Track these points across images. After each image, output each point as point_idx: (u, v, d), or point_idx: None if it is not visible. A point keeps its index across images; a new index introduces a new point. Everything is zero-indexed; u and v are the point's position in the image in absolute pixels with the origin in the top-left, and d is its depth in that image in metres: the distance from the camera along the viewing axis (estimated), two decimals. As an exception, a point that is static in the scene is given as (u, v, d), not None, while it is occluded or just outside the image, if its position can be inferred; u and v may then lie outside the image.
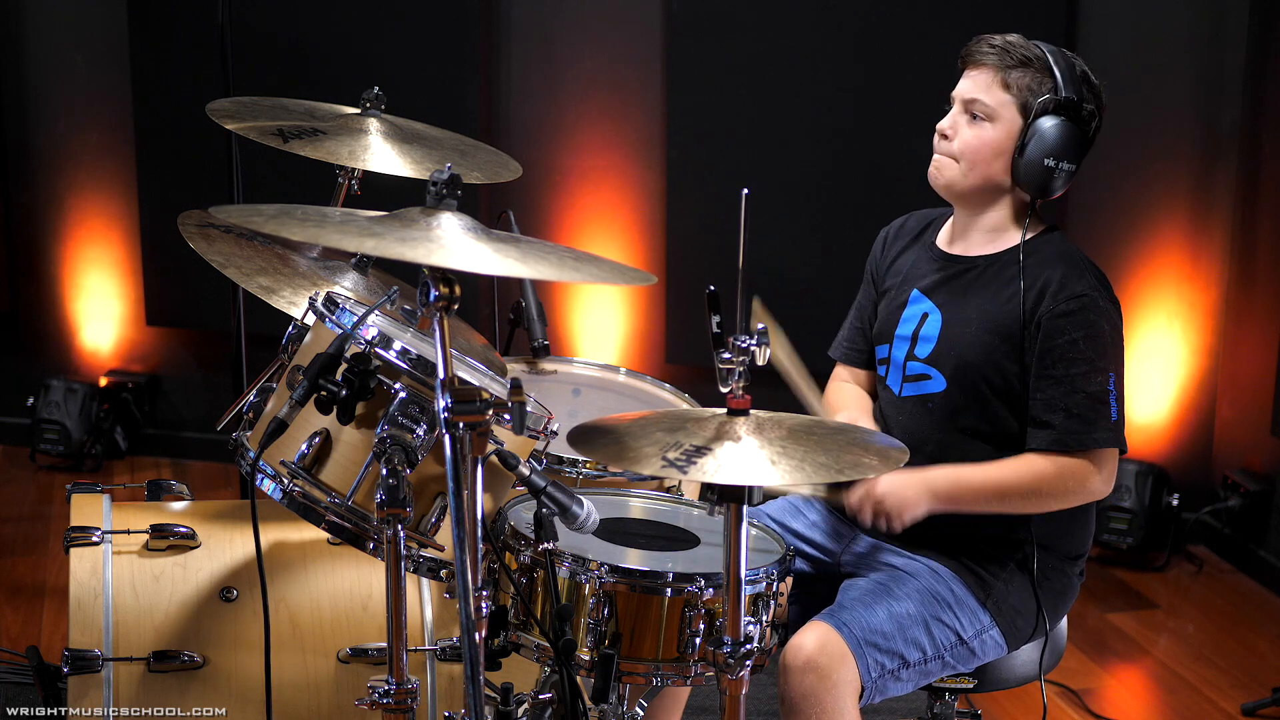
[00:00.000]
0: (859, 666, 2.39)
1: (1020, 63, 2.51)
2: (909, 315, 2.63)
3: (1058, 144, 2.50)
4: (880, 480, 2.47)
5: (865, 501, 2.48)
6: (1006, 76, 2.52)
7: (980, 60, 2.54)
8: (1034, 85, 2.51)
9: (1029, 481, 2.48)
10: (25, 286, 5.21)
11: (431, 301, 1.91)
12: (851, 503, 2.50)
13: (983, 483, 2.49)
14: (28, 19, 5.04)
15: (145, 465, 5.16)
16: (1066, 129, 2.50)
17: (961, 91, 2.57)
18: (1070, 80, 2.51)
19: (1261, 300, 4.51)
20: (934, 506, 2.49)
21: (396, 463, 2.09)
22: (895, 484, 2.48)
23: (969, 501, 2.50)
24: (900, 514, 2.47)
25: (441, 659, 2.57)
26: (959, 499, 2.49)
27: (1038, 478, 2.48)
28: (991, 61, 2.53)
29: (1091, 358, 2.46)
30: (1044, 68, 2.51)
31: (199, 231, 2.65)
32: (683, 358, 4.79)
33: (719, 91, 4.67)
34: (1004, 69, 2.52)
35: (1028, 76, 2.51)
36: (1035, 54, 2.52)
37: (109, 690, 2.43)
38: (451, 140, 2.94)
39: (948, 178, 2.58)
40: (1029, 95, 2.51)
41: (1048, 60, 2.52)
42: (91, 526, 2.57)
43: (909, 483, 2.48)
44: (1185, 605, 4.37)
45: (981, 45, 2.55)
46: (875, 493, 2.48)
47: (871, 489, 2.48)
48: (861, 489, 2.49)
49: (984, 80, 2.54)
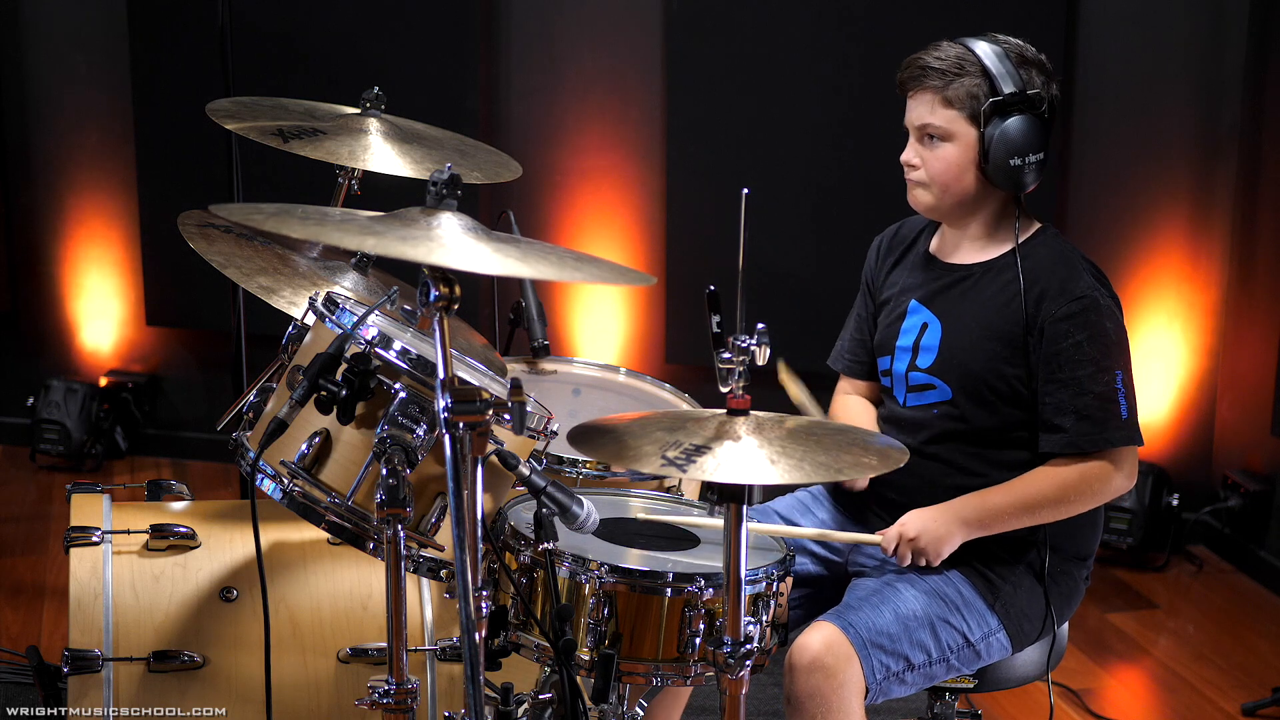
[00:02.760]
0: (864, 668, 2.39)
1: (955, 73, 2.49)
2: (908, 326, 2.63)
3: (1017, 141, 2.48)
4: (909, 521, 2.49)
5: (901, 544, 2.49)
6: (945, 93, 2.50)
7: (917, 84, 2.52)
8: (974, 91, 2.49)
9: (1055, 491, 2.48)
10: (25, 286, 5.21)
11: (431, 301, 1.91)
12: (886, 547, 2.51)
13: (1010, 502, 2.49)
14: (28, 19, 5.04)
15: (145, 465, 5.16)
16: (1020, 124, 2.48)
17: (911, 119, 2.56)
18: (1007, 73, 2.48)
19: (1261, 300, 4.51)
20: (967, 535, 2.49)
21: (396, 463, 2.09)
22: (926, 522, 2.48)
23: (1000, 523, 2.50)
24: (937, 550, 2.48)
25: (441, 659, 2.57)
26: (989, 522, 2.49)
27: (1062, 485, 2.48)
28: (928, 83, 2.51)
29: (1097, 358, 2.46)
30: (978, 70, 2.49)
31: (199, 231, 2.65)
32: (683, 358, 4.79)
33: (719, 91, 4.67)
34: (942, 86, 2.50)
35: (966, 85, 2.49)
36: (968, 59, 2.49)
37: (109, 690, 2.43)
38: (451, 140, 2.94)
39: (925, 204, 2.59)
40: (974, 103, 2.49)
41: (980, 61, 2.49)
42: (91, 526, 2.57)
43: (939, 519, 2.49)
44: (1185, 605, 4.36)
45: (913, 69, 2.53)
46: (908, 534, 2.48)
47: (904, 532, 2.49)
48: (895, 534, 2.50)
49: (926, 103, 2.52)
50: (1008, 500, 2.49)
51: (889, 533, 2.51)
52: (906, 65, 2.54)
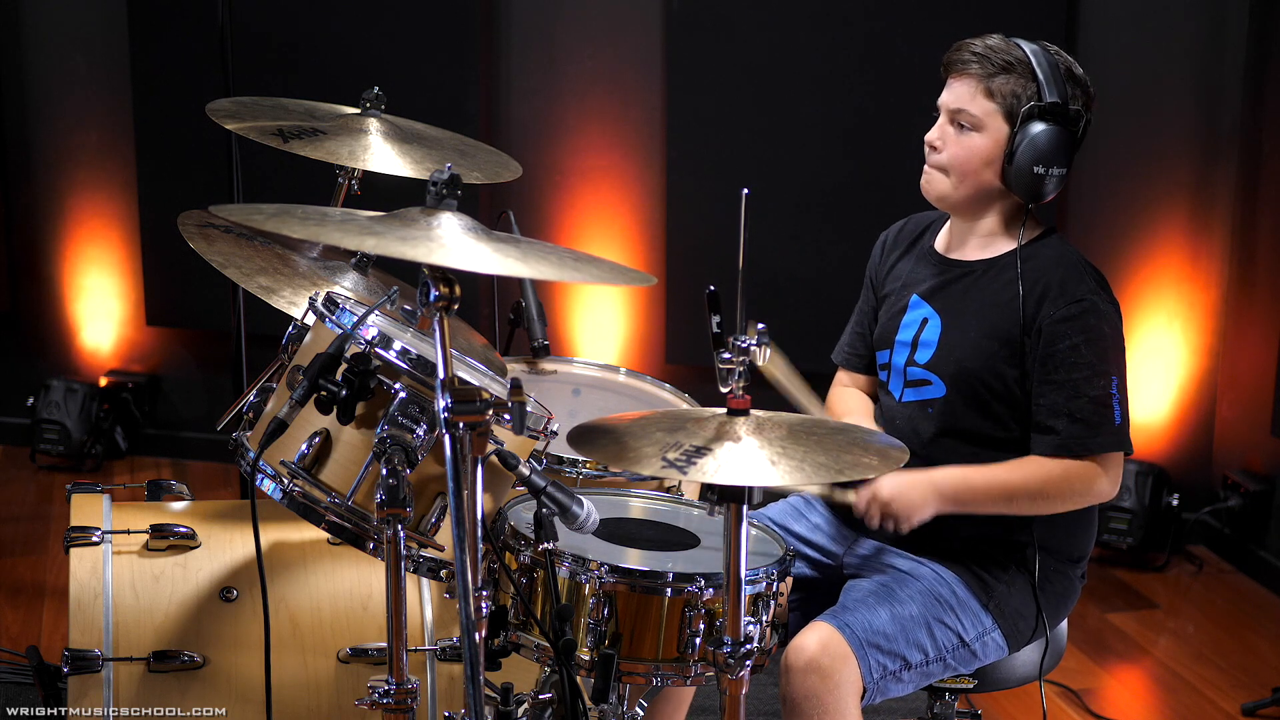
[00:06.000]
0: (861, 667, 2.39)
1: (1002, 68, 2.49)
2: (909, 321, 2.63)
3: (1046, 150, 2.48)
4: (886, 482, 2.47)
5: (872, 504, 2.48)
6: (989, 84, 2.49)
7: (962, 69, 2.52)
8: (1018, 91, 2.49)
9: (1035, 484, 2.48)
10: (25, 286, 5.21)
11: (431, 301, 1.91)
12: (858, 505, 2.50)
13: (989, 484, 2.49)
14: (28, 19, 5.04)
15: (145, 465, 5.16)
16: (1053, 134, 2.48)
17: (946, 101, 2.55)
18: (1054, 81, 2.49)
19: (1261, 300, 4.51)
20: (941, 507, 2.48)
21: (396, 463, 2.09)
22: (902, 486, 2.47)
23: (975, 502, 2.49)
24: (908, 516, 2.47)
25: (441, 659, 2.57)
26: (965, 500, 2.49)
27: (1044, 480, 2.48)
28: (974, 70, 2.50)
29: (1093, 362, 2.46)
30: (1027, 71, 2.49)
31: (199, 231, 2.65)
32: (683, 358, 4.79)
33: (719, 91, 4.67)
34: (986, 77, 2.49)
35: (1011, 82, 2.49)
36: (1017, 57, 2.50)
37: (109, 690, 2.43)
38: (451, 140, 2.94)
39: (939, 190, 2.58)
40: (1014, 102, 2.49)
41: (1030, 62, 2.49)
42: (91, 526, 2.57)
43: (915, 484, 2.48)
44: (1185, 605, 4.36)
45: (963, 53, 2.52)
46: (882, 495, 2.47)
47: (878, 491, 2.47)
48: (868, 491, 2.48)
49: (968, 89, 2.52)
50: (987, 482, 2.48)
51: (862, 492, 2.49)
52: (956, 48, 2.54)
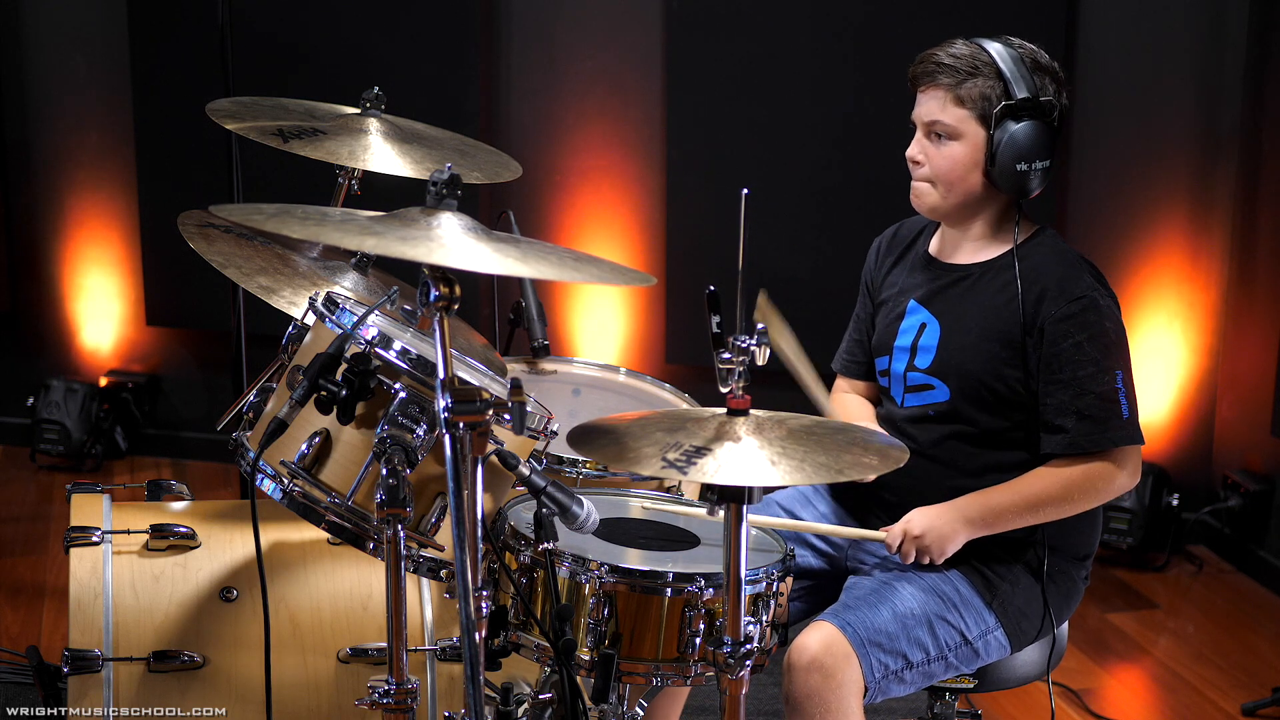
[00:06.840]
0: (863, 666, 2.39)
1: (969, 73, 2.48)
2: (906, 326, 2.63)
3: (1026, 146, 2.48)
4: (916, 519, 2.49)
5: (906, 541, 2.49)
6: (959, 91, 2.49)
7: (929, 80, 2.52)
8: (987, 93, 2.48)
9: (1059, 490, 2.48)
10: (25, 286, 5.21)
11: (431, 301, 1.91)
12: (890, 544, 2.51)
13: (1013, 500, 2.49)
14: (28, 19, 5.04)
15: (145, 465, 5.16)
16: (1031, 129, 2.48)
17: (920, 115, 2.55)
18: (1021, 77, 2.48)
19: (1261, 300, 4.51)
20: (971, 533, 2.49)
21: (396, 463, 2.09)
22: (931, 520, 2.49)
23: (1004, 522, 2.50)
24: (941, 549, 2.49)
25: (441, 659, 2.56)
26: (992, 521, 2.49)
27: (1066, 485, 2.48)
28: (941, 80, 2.50)
29: (1097, 358, 2.46)
30: (993, 72, 2.48)
31: (199, 231, 2.65)
32: (683, 358, 4.79)
33: (719, 91, 4.67)
34: (955, 85, 2.49)
35: (979, 85, 2.48)
36: (982, 59, 2.49)
37: (109, 690, 2.43)
38: (451, 140, 2.94)
39: (930, 203, 2.58)
40: (985, 104, 2.48)
41: (995, 63, 2.48)
42: (91, 526, 2.57)
43: (943, 516, 2.49)
44: (1185, 605, 4.36)
45: (927, 64, 2.52)
46: (914, 531, 2.49)
47: (909, 529, 2.49)
48: (899, 531, 2.50)
49: (938, 100, 2.51)
50: (1011, 499, 2.49)
51: (893, 530, 2.51)
52: (920, 60, 2.53)
